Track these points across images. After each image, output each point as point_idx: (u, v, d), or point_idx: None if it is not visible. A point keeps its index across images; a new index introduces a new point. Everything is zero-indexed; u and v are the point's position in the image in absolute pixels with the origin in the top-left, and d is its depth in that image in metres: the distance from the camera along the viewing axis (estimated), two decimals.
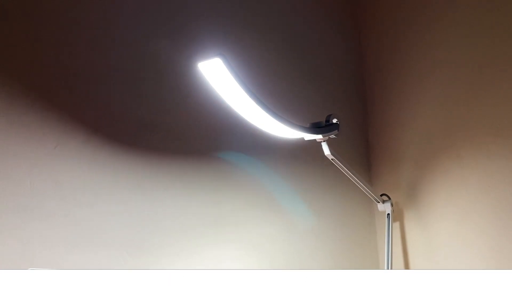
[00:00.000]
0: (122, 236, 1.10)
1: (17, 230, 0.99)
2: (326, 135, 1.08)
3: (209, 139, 1.26)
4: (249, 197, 1.29)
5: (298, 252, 1.32)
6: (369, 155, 1.52)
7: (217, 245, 1.21)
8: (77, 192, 1.07)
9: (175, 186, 1.19)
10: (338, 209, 1.42)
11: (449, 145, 1.27)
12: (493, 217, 1.15)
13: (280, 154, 1.36)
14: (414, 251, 1.34)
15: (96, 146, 1.12)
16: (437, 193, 1.29)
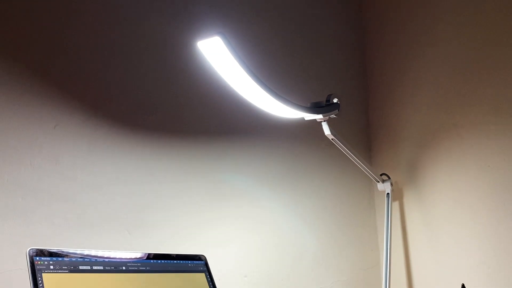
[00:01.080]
0: (123, 215, 1.11)
1: (18, 209, 1.00)
2: (327, 114, 1.08)
3: (209, 119, 1.26)
4: (250, 176, 1.29)
5: (298, 231, 1.33)
6: (369, 134, 1.52)
7: (219, 223, 1.22)
8: (77, 171, 1.08)
9: (176, 166, 1.20)
10: (338, 188, 1.42)
11: (449, 125, 1.27)
12: (492, 196, 1.15)
13: (280, 134, 1.36)
14: (413, 230, 1.35)
15: (95, 126, 1.11)
16: (437, 173, 1.29)
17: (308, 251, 1.33)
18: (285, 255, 1.30)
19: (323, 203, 1.39)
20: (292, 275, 1.29)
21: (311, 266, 1.33)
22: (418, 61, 1.37)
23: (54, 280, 0.68)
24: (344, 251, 1.39)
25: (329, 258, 1.36)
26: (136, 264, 0.81)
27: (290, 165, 1.36)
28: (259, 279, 1.24)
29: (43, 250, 0.71)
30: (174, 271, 0.86)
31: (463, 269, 1.20)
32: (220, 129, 1.28)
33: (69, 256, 0.73)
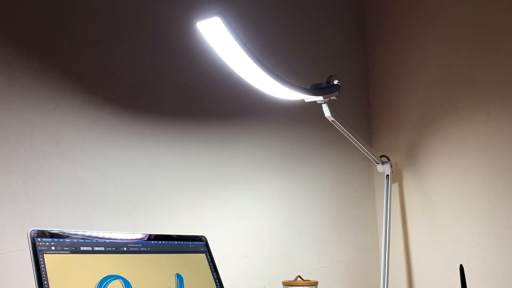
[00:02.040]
0: (124, 196, 1.11)
1: (19, 191, 1.00)
2: (327, 96, 1.07)
3: (209, 101, 1.26)
4: (250, 158, 1.29)
5: (297, 213, 1.34)
6: (369, 116, 1.52)
7: (219, 205, 1.22)
8: (77, 153, 1.08)
9: (176, 147, 1.20)
10: (337, 170, 1.43)
11: (450, 107, 1.27)
12: (492, 178, 1.16)
13: (280, 116, 1.35)
14: (412, 212, 1.35)
15: (95, 107, 1.11)
16: (437, 155, 1.29)
17: (308, 232, 1.34)
18: (284, 236, 1.31)
19: (322, 184, 1.40)
20: (291, 255, 1.30)
21: (310, 247, 1.34)
22: (419, 43, 1.36)
23: (56, 261, 0.69)
24: (343, 232, 1.40)
25: (328, 239, 1.37)
26: (137, 245, 0.82)
27: (290, 147, 1.36)
28: (259, 259, 1.26)
29: (44, 231, 0.71)
30: (175, 251, 0.87)
31: (461, 250, 1.21)
32: (220, 111, 1.27)
33: (70, 237, 0.73)
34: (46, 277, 0.67)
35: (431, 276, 1.28)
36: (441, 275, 1.25)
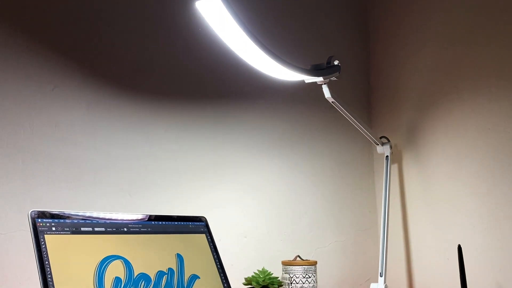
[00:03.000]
0: (124, 177, 1.11)
1: (19, 172, 1.00)
2: (327, 77, 1.07)
3: (208, 81, 1.25)
4: (250, 139, 1.29)
5: (297, 193, 1.34)
6: (370, 97, 1.51)
7: (219, 186, 1.23)
8: (77, 134, 1.07)
9: (175, 128, 1.19)
10: (337, 151, 1.43)
11: (450, 87, 1.26)
12: (491, 159, 1.16)
13: (280, 97, 1.35)
14: (411, 192, 1.36)
15: (94, 88, 1.11)
16: (437, 135, 1.29)
17: (307, 213, 1.35)
18: (284, 216, 1.31)
19: (322, 165, 1.40)
20: (290, 236, 1.31)
21: (310, 227, 1.35)
22: (421, 24, 1.35)
23: (56, 241, 0.69)
24: (342, 212, 1.41)
25: (328, 219, 1.38)
26: (137, 226, 0.82)
27: (290, 128, 1.36)
28: (259, 240, 1.26)
29: (44, 212, 0.71)
30: (175, 232, 0.87)
31: (460, 230, 1.22)
32: (219, 92, 1.27)
33: (71, 218, 0.74)
34: (47, 258, 0.67)
35: (429, 256, 1.29)
36: (439, 255, 1.26)
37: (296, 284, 1.17)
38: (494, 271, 1.14)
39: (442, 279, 1.25)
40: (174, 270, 0.82)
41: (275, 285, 1.13)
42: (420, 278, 1.32)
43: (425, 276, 1.30)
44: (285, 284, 1.19)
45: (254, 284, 1.13)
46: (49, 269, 0.66)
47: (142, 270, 0.77)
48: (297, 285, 1.17)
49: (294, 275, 1.18)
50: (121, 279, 0.74)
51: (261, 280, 1.12)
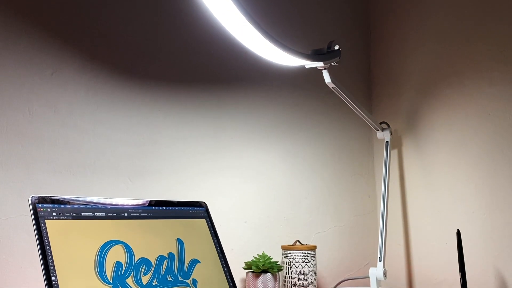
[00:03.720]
0: (124, 162, 1.11)
1: (19, 157, 1.00)
2: (327, 62, 1.06)
3: (208, 66, 1.24)
4: (249, 125, 1.29)
5: (297, 179, 1.35)
6: (370, 82, 1.51)
7: (219, 171, 1.23)
8: (76, 119, 1.07)
9: (175, 114, 1.19)
10: (337, 137, 1.43)
11: (451, 72, 1.26)
12: (491, 144, 1.16)
13: (280, 82, 1.34)
14: (411, 177, 1.36)
15: (93, 72, 1.10)
16: (437, 121, 1.29)
17: (307, 198, 1.35)
18: (284, 201, 1.32)
19: (322, 151, 1.40)
20: (290, 221, 1.32)
21: (309, 212, 1.35)
22: (421, 9, 1.34)
23: (57, 226, 0.70)
24: (342, 197, 1.41)
25: (327, 204, 1.39)
26: (137, 211, 0.82)
27: (290, 114, 1.36)
28: (258, 225, 1.27)
29: (45, 197, 0.71)
30: (175, 217, 0.88)
31: (459, 216, 1.22)
32: (219, 78, 1.26)
33: (71, 203, 0.74)
34: (48, 242, 0.67)
35: (428, 241, 1.30)
36: (438, 240, 1.27)
37: (296, 269, 1.18)
38: (492, 256, 1.14)
39: (441, 264, 1.26)
40: (174, 255, 0.83)
41: (274, 269, 1.14)
42: (418, 262, 1.33)
43: (423, 260, 1.31)
44: (285, 269, 1.20)
45: (254, 268, 1.14)
46: (50, 253, 0.67)
47: (142, 255, 0.78)
48: (297, 270, 1.18)
49: (294, 259, 1.19)
50: (122, 263, 0.74)
51: (261, 265, 1.13)
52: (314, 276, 1.20)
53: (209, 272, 0.86)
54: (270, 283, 1.13)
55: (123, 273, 0.73)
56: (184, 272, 0.82)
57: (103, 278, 0.70)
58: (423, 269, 1.31)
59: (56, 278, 0.65)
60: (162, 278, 0.78)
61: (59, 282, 0.65)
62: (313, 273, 1.19)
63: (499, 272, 1.13)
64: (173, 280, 0.79)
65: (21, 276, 0.97)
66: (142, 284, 0.75)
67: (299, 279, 1.18)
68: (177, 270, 0.81)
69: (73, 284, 0.66)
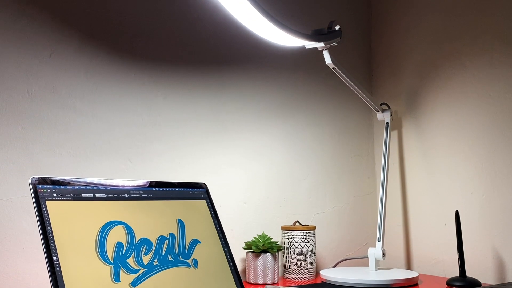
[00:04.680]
0: (124, 143, 1.11)
1: (19, 138, 1.00)
2: (328, 42, 1.05)
3: (208, 47, 1.24)
4: (250, 106, 1.29)
5: (296, 160, 1.35)
6: (371, 64, 1.50)
7: (219, 153, 1.23)
8: (75, 100, 1.07)
9: (174, 94, 1.19)
10: (337, 118, 1.43)
11: (452, 53, 1.25)
12: (492, 126, 1.16)
13: (280, 63, 1.33)
14: (410, 159, 1.36)
15: (92, 53, 1.09)
16: (437, 102, 1.29)
17: (306, 179, 1.36)
18: (283, 183, 1.32)
19: (322, 132, 1.40)
20: (290, 201, 1.33)
21: (309, 193, 1.36)
22: None
23: (58, 207, 0.70)
24: (341, 178, 1.42)
25: (327, 185, 1.39)
26: (138, 192, 0.83)
27: (290, 95, 1.35)
28: (258, 206, 1.28)
29: (45, 178, 0.72)
30: (176, 198, 0.88)
31: (458, 197, 1.23)
32: (219, 58, 1.25)
33: (72, 184, 0.74)
34: (49, 223, 0.68)
35: (426, 222, 1.31)
36: (437, 221, 1.28)
37: (295, 249, 1.19)
38: (490, 236, 1.15)
39: (439, 244, 1.27)
40: (175, 235, 0.83)
41: (274, 249, 1.15)
42: (417, 243, 1.34)
43: (422, 241, 1.32)
44: (284, 249, 1.21)
45: (254, 248, 1.15)
46: (51, 234, 0.67)
47: (143, 235, 0.78)
48: (296, 250, 1.19)
49: (293, 239, 1.19)
50: (122, 244, 0.75)
51: (260, 245, 1.14)
52: (313, 256, 1.21)
53: (209, 252, 0.86)
54: (270, 263, 1.14)
55: (124, 253, 0.74)
56: (185, 252, 0.83)
57: (104, 258, 0.71)
58: (422, 249, 1.33)
59: (58, 258, 0.66)
60: (163, 258, 0.79)
61: (60, 262, 0.66)
62: (312, 253, 1.20)
63: (497, 252, 1.14)
64: (174, 260, 0.80)
65: (23, 256, 0.98)
66: (143, 264, 0.75)
67: (299, 259, 1.19)
68: (178, 250, 0.82)
69: (75, 264, 0.67)
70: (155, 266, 0.77)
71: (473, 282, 1.05)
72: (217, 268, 0.86)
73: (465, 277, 1.06)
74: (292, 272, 1.19)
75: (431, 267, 1.29)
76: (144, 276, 0.75)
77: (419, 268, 1.32)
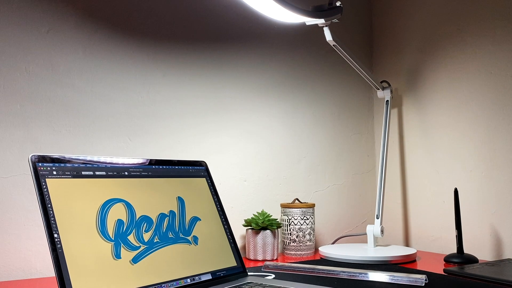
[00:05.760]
0: (123, 121, 1.11)
1: (18, 116, 1.00)
2: (329, 19, 1.04)
3: (207, 24, 1.22)
4: (249, 83, 1.28)
5: (296, 138, 1.35)
6: (371, 41, 1.48)
7: (219, 131, 1.23)
8: (74, 77, 1.06)
9: (173, 72, 1.18)
10: (337, 96, 1.42)
11: (454, 30, 1.23)
12: (492, 103, 1.15)
13: (280, 40, 1.32)
14: (410, 136, 1.36)
15: (90, 30, 1.08)
16: (438, 79, 1.28)
17: (306, 157, 1.36)
18: (283, 160, 1.32)
19: (322, 110, 1.39)
20: (289, 179, 1.33)
21: (308, 171, 1.36)
22: None
23: (58, 185, 0.70)
24: (341, 156, 1.42)
25: (326, 163, 1.39)
26: (138, 170, 0.83)
27: (290, 72, 1.34)
28: (258, 183, 1.28)
29: (45, 156, 0.72)
30: (176, 176, 0.88)
31: (457, 174, 1.23)
32: (219, 35, 1.24)
33: (72, 162, 0.74)
34: (50, 201, 0.68)
35: (425, 199, 1.32)
36: (435, 199, 1.29)
37: (294, 226, 1.20)
38: (488, 213, 1.16)
39: (437, 221, 1.28)
40: (175, 212, 0.84)
41: (274, 226, 1.16)
42: (415, 220, 1.35)
43: (420, 218, 1.33)
44: (284, 226, 1.22)
45: (253, 225, 1.16)
46: (52, 212, 0.67)
47: (143, 213, 0.79)
48: (295, 227, 1.20)
49: (293, 217, 1.20)
50: (123, 221, 0.75)
51: (260, 222, 1.15)
52: (312, 233, 1.22)
53: (209, 229, 0.87)
54: (269, 239, 1.15)
55: (125, 230, 0.74)
56: (185, 229, 0.83)
57: (105, 235, 0.71)
58: (420, 226, 1.34)
59: (59, 236, 0.66)
60: (163, 235, 0.79)
61: (61, 239, 0.66)
62: (311, 230, 1.21)
63: (494, 230, 1.15)
64: (174, 237, 0.81)
65: (24, 233, 0.99)
66: (144, 241, 0.76)
67: (298, 236, 1.20)
68: (178, 227, 0.83)
69: (76, 241, 0.67)
70: (155, 243, 0.78)
71: (470, 259, 1.06)
72: (217, 244, 0.87)
73: (462, 254, 1.07)
74: (291, 248, 1.20)
75: (429, 244, 1.30)
76: (145, 253, 0.75)
77: (417, 245, 1.34)
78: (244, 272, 0.88)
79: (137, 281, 0.71)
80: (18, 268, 0.98)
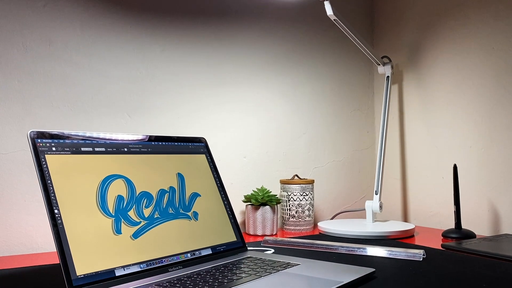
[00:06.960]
0: (121, 97, 1.10)
1: (16, 92, 0.99)
2: None
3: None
4: (249, 59, 1.27)
5: (296, 114, 1.34)
6: (372, 16, 1.47)
7: (218, 107, 1.22)
8: (71, 53, 1.05)
9: (172, 48, 1.17)
10: (337, 71, 1.41)
11: (455, 5, 1.22)
12: (493, 79, 1.14)
13: (281, 15, 1.30)
14: (410, 113, 1.36)
15: (88, 4, 1.06)
16: (439, 55, 1.27)
17: (306, 133, 1.36)
18: (283, 137, 1.32)
19: (322, 86, 1.38)
20: (289, 156, 1.33)
21: (308, 147, 1.36)
22: None
23: (57, 161, 0.70)
24: (341, 133, 1.42)
25: (326, 139, 1.39)
26: (137, 146, 0.83)
27: (290, 48, 1.33)
28: (258, 160, 1.28)
29: (44, 132, 0.71)
30: (175, 152, 0.88)
31: (456, 150, 1.23)
32: (219, 10, 1.22)
33: (71, 138, 0.74)
34: (49, 177, 0.68)
35: (424, 175, 1.32)
36: (435, 174, 1.29)
37: (294, 202, 1.21)
38: (487, 189, 1.17)
39: (436, 197, 1.29)
40: (175, 188, 0.84)
41: (273, 202, 1.16)
42: (414, 196, 1.36)
43: (419, 194, 1.34)
44: (283, 202, 1.22)
45: (253, 201, 1.16)
46: (52, 188, 0.68)
47: (143, 189, 0.79)
48: (295, 202, 1.21)
49: (292, 193, 1.21)
50: (123, 197, 0.75)
51: (260, 198, 1.15)
52: (311, 209, 1.22)
53: (209, 205, 0.88)
54: (269, 215, 1.16)
55: (125, 206, 0.75)
56: (185, 205, 0.84)
57: (105, 211, 0.72)
58: (419, 202, 1.34)
59: (59, 211, 0.66)
60: (163, 211, 0.80)
61: (62, 215, 0.66)
62: (310, 205, 1.22)
63: (493, 205, 1.16)
64: (174, 213, 0.81)
65: (25, 208, 1.00)
66: (144, 217, 0.76)
67: (297, 211, 1.21)
68: (178, 203, 0.83)
69: (76, 217, 0.68)
70: (156, 219, 0.78)
71: (468, 234, 1.07)
72: (217, 220, 0.87)
73: (460, 229, 1.08)
74: (291, 224, 1.21)
75: (428, 219, 1.31)
76: (145, 228, 0.76)
77: (415, 221, 1.35)
78: (244, 247, 0.89)
79: (138, 256, 0.72)
80: (20, 243, 0.99)
